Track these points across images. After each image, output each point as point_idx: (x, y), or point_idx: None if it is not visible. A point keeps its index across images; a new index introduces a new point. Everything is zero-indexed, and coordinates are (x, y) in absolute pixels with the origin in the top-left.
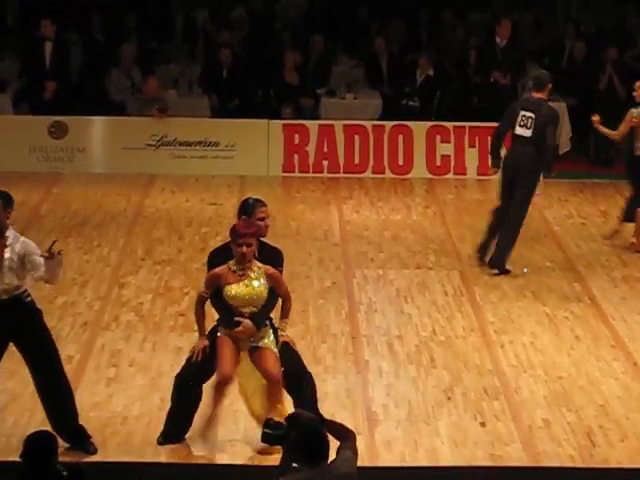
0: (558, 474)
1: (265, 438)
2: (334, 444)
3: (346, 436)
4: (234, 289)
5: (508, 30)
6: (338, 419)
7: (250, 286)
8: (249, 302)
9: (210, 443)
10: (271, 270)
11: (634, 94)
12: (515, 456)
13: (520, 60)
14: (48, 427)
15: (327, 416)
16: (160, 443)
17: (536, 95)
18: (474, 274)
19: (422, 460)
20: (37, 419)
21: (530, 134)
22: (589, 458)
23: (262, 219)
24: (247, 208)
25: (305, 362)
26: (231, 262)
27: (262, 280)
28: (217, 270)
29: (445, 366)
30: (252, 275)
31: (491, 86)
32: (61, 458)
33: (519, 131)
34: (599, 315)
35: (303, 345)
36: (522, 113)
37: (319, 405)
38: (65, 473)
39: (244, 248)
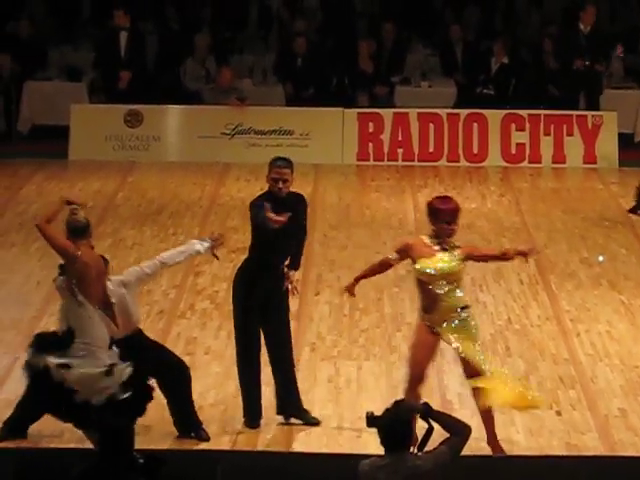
0: (635, 463)
1: (367, 420)
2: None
3: (456, 430)
4: (427, 262)
5: (593, 16)
6: None
7: (443, 260)
8: (441, 277)
9: None
10: (465, 246)
11: None
12: (591, 445)
13: (605, 47)
14: None
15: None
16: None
17: None
18: (550, 263)
19: (485, 448)
20: None
21: None
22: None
23: (275, 179)
24: (269, 165)
25: (380, 350)
26: (424, 236)
27: (456, 254)
28: (411, 240)
29: (521, 355)
30: (446, 250)
31: (567, 73)
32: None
33: None
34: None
35: (378, 334)
36: None
37: (395, 394)
38: (142, 461)
39: (453, 226)
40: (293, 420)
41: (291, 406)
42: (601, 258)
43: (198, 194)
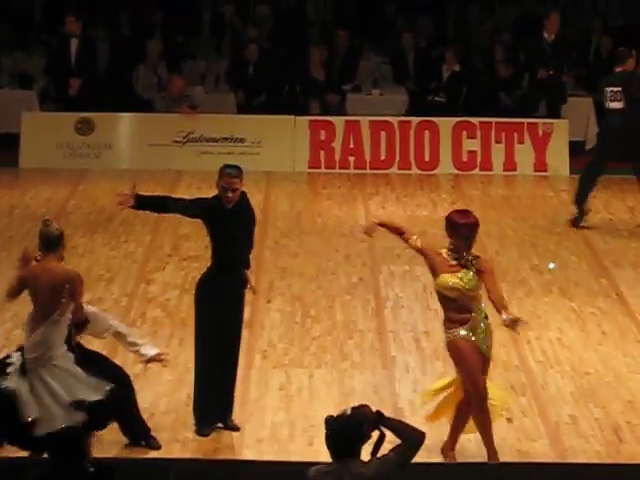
0: (585, 470)
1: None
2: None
3: (407, 437)
4: (449, 279)
5: (557, 24)
6: None
7: (463, 278)
8: (462, 294)
9: None
10: (484, 262)
11: None
12: (542, 452)
13: (570, 54)
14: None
15: None
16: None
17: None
18: (500, 270)
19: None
20: None
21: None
22: (616, 454)
23: (224, 188)
24: (219, 172)
25: (332, 358)
26: (444, 250)
27: (473, 271)
28: (437, 251)
29: None
30: (464, 266)
31: (518, 81)
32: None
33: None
34: (626, 311)
35: (329, 341)
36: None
37: (347, 401)
38: (92, 469)
39: (472, 241)
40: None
41: (224, 410)
42: (552, 265)
43: None
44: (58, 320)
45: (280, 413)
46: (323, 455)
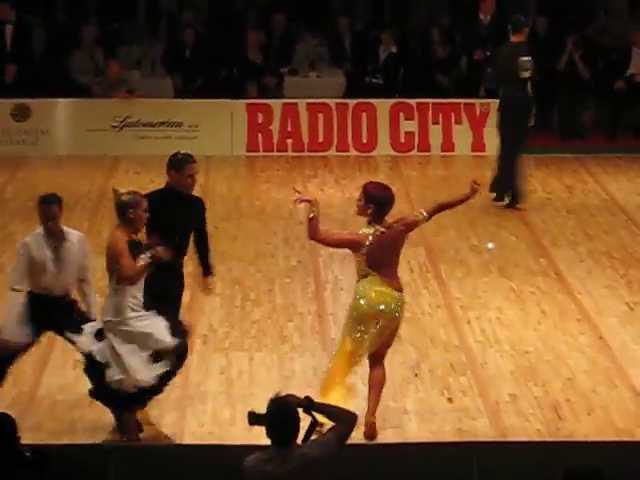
0: (525, 448)
1: (248, 418)
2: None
3: (340, 418)
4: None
5: (492, 6)
6: None
7: None
8: None
9: None
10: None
11: None
12: (482, 431)
13: (505, 35)
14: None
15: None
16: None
17: None
18: (440, 250)
19: (390, 437)
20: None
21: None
22: (556, 432)
23: (191, 176)
24: (176, 163)
25: (271, 341)
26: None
27: None
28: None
29: (412, 343)
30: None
31: (454, 63)
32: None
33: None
34: (565, 290)
35: (269, 324)
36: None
37: (288, 384)
38: (29, 454)
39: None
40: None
41: None
42: (491, 245)
43: (87, 187)
44: (117, 288)
45: (221, 397)
46: (264, 439)
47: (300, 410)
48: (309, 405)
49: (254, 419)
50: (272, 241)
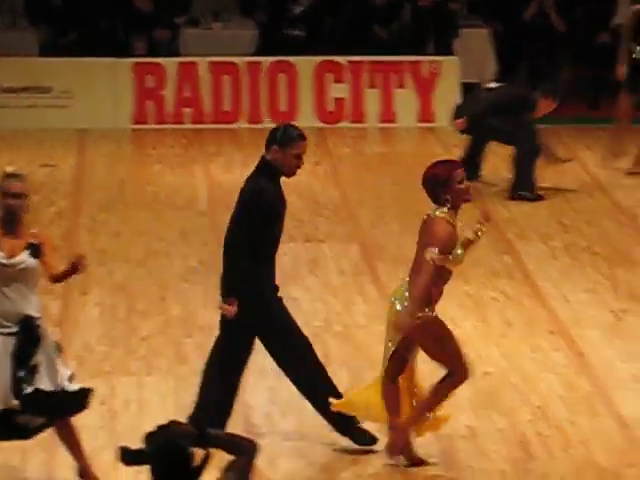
0: None
1: (121, 456)
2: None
3: (241, 450)
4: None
5: None
6: None
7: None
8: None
9: None
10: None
11: None
12: (431, 474)
13: None
14: None
15: None
16: None
17: None
18: (377, 247)
19: None
20: None
21: None
22: (524, 474)
23: (299, 156)
24: (284, 138)
25: (166, 362)
26: (441, 212)
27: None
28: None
29: (343, 363)
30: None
31: (396, 11)
32: None
33: None
34: (534, 294)
35: (163, 342)
36: None
37: (184, 414)
38: None
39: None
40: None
41: None
42: None
43: None
44: None
45: (101, 434)
46: None
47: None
48: (201, 436)
49: (129, 457)
50: (166, 237)
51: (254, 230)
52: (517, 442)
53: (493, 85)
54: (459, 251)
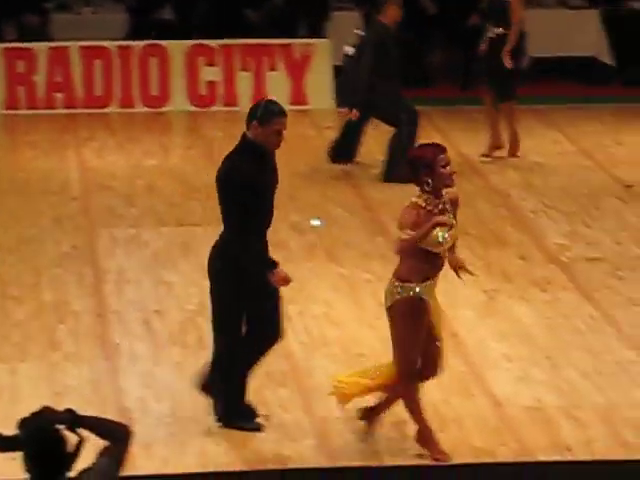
0: (360, 474)
1: None
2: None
3: (115, 436)
4: (441, 231)
5: None
6: None
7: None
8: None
9: None
10: (453, 193)
11: None
12: (307, 455)
13: None
14: None
15: None
16: None
17: None
18: None
19: (192, 466)
20: None
21: None
22: (400, 453)
23: (279, 132)
24: (264, 114)
25: (39, 349)
26: (420, 196)
27: (450, 211)
28: (414, 211)
29: None
30: (448, 207)
31: None
32: None
33: None
34: None
35: (36, 328)
36: None
37: (61, 402)
38: None
39: (448, 169)
40: None
41: None
42: (316, 222)
43: None
44: None
45: None
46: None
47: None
48: (74, 420)
49: (2, 443)
50: (38, 222)
51: (238, 207)
52: (391, 423)
53: (349, 51)
54: (439, 233)
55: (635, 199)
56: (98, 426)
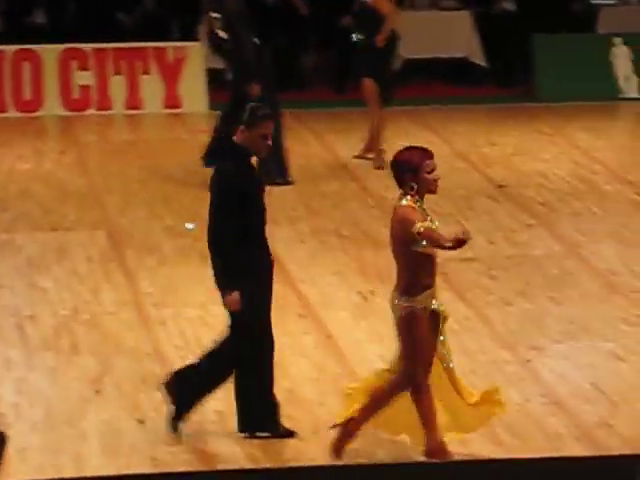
0: (232, 478)
1: None
2: None
3: None
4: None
5: None
6: None
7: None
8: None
9: None
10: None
11: None
12: (181, 459)
13: None
14: None
15: None
16: None
17: None
18: (125, 234)
19: (67, 471)
20: None
21: None
22: (276, 456)
23: (266, 137)
24: (250, 118)
25: None
26: (409, 199)
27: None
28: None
29: (92, 351)
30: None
31: None
32: None
33: None
34: (284, 278)
35: None
36: None
37: None
38: None
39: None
40: None
41: None
42: (190, 226)
43: None
44: None
45: None
46: None
47: None
48: None
49: None
50: None
51: (229, 214)
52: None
53: (223, 34)
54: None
55: (508, 199)
56: None
